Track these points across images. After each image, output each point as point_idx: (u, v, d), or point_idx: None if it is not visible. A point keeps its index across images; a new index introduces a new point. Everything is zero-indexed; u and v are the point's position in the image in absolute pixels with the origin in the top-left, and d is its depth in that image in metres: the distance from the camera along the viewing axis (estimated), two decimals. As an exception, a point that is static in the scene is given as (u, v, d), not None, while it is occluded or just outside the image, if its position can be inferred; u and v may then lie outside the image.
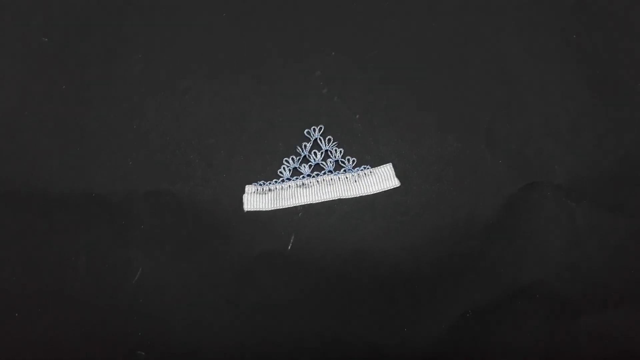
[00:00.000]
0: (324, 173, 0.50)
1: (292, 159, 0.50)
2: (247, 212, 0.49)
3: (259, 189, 0.50)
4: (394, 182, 0.50)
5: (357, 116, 0.51)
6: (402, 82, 0.51)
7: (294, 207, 0.50)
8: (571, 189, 0.49)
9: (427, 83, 0.51)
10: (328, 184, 0.50)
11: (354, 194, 0.50)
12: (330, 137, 0.50)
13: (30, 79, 0.52)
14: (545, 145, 0.50)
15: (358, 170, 0.50)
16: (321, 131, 0.50)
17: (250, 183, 0.50)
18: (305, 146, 0.50)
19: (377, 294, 0.48)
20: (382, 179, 0.50)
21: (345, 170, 0.50)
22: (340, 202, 0.50)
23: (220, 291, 0.49)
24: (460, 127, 0.50)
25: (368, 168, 0.50)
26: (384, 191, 0.50)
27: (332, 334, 0.48)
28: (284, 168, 0.50)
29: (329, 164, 0.50)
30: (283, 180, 0.50)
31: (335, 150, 0.50)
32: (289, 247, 0.49)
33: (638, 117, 0.50)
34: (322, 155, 0.50)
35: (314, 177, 0.50)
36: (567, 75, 0.51)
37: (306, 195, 0.50)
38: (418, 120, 0.50)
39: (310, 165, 0.50)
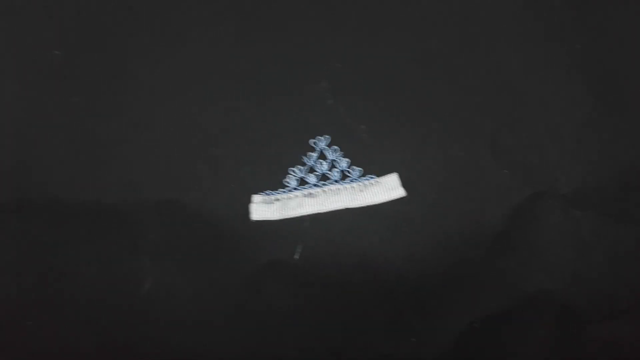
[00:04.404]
0: (330, 183, 0.50)
1: (299, 168, 0.50)
2: (255, 221, 0.49)
3: (266, 198, 0.49)
4: (400, 192, 0.49)
5: (363, 127, 0.51)
6: (407, 92, 0.51)
7: (301, 216, 0.49)
8: (577, 199, 0.49)
9: (432, 93, 0.51)
10: (334, 193, 0.50)
11: (360, 203, 0.49)
12: (336, 147, 0.50)
13: (40, 90, 0.52)
14: (551, 154, 0.50)
15: (364, 179, 0.50)
16: (327, 141, 0.51)
17: (257, 193, 0.50)
18: (311, 156, 0.50)
19: (383, 303, 0.48)
20: (387, 188, 0.49)
21: (351, 180, 0.50)
22: (346, 211, 0.50)
23: (228, 300, 0.49)
24: (465, 136, 0.50)
25: (374, 178, 0.50)
26: (390, 201, 0.49)
27: (338, 343, 0.48)
28: (290, 178, 0.50)
29: (335, 174, 0.50)
30: (290, 190, 0.50)
31: (341, 160, 0.50)
32: (296, 256, 0.49)
33: (642, 125, 0.50)
34: (329, 165, 0.50)
35: (320, 186, 0.50)
36: (571, 84, 0.51)
37: (313, 205, 0.49)
38: (423, 130, 0.50)
39: (316, 175, 0.50)
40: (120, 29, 0.53)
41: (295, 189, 0.50)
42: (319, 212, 0.50)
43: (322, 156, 0.50)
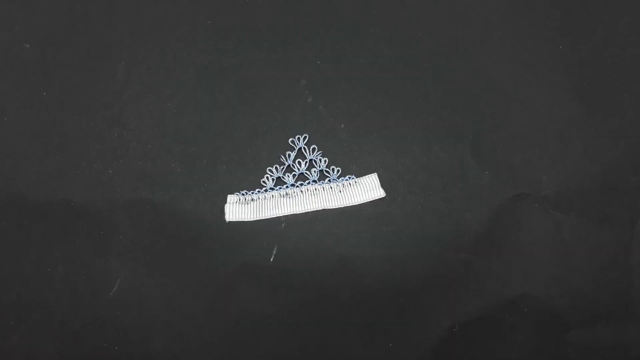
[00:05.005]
0: (308, 183, 0.50)
1: (276, 168, 0.50)
2: (229, 222, 0.49)
3: (241, 198, 0.49)
4: (379, 193, 0.49)
5: (342, 125, 0.51)
6: (388, 91, 0.51)
7: (277, 217, 0.49)
8: (558, 200, 0.49)
9: (413, 92, 0.51)
10: (312, 194, 0.49)
11: (339, 204, 0.49)
12: (315, 146, 0.50)
13: (10, 85, 0.51)
14: (532, 155, 0.50)
15: (343, 180, 0.50)
16: (305, 140, 0.50)
17: (232, 193, 0.50)
18: (289, 155, 0.50)
19: (361, 307, 0.48)
20: (367, 189, 0.49)
21: (329, 180, 0.50)
22: (324, 212, 0.50)
23: (200, 304, 0.48)
24: (446, 137, 0.50)
25: (353, 178, 0.50)
26: (369, 201, 0.49)
27: (315, 348, 0.48)
28: (267, 177, 0.50)
29: (313, 174, 0.50)
30: (266, 190, 0.50)
31: (320, 160, 0.50)
32: (272, 259, 0.49)
33: (625, 127, 0.50)
34: (307, 165, 0.50)
35: (297, 187, 0.50)
36: (553, 85, 0.51)
37: (290, 206, 0.49)
38: (404, 130, 0.50)
39: (294, 175, 0.50)
40: (94, 21, 0.53)
41: (272, 189, 0.50)
42: (296, 213, 0.49)
43: (300, 155, 0.50)
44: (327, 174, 0.50)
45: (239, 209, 0.49)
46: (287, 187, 0.50)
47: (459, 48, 0.52)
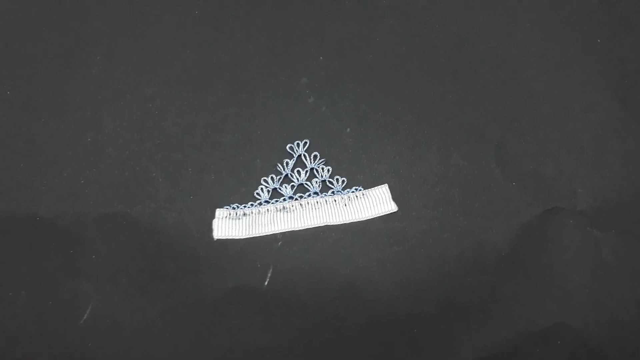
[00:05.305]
0: (309, 195, 0.49)
1: (272, 178, 0.49)
2: (218, 240, 0.48)
3: (231, 213, 0.48)
4: (391, 207, 0.48)
5: (348, 129, 0.50)
6: (401, 90, 0.50)
7: (273, 234, 0.48)
8: (597, 216, 0.48)
9: (429, 92, 0.50)
10: (313, 207, 0.48)
11: (344, 219, 0.48)
12: (317, 153, 0.49)
13: None
14: (566, 164, 0.48)
15: (349, 192, 0.48)
16: (306, 146, 0.49)
17: (221, 206, 0.48)
18: (287, 164, 0.49)
19: (369, 338, 0.47)
20: (376, 202, 0.48)
21: (333, 192, 0.49)
22: (327, 229, 0.48)
23: (184, 333, 0.47)
24: (467, 142, 0.49)
25: (360, 190, 0.49)
26: (379, 217, 0.48)
27: None
28: (261, 189, 0.49)
29: (315, 185, 0.49)
30: (260, 203, 0.48)
31: (322, 169, 0.49)
32: (266, 283, 0.47)
33: (674, 132, 0.49)
34: (307, 175, 0.49)
35: (296, 199, 0.49)
36: (590, 84, 0.50)
37: (287, 221, 0.48)
38: (418, 135, 0.49)
39: (292, 186, 0.49)
40: (66, 12, 0.51)
41: (267, 202, 0.49)
42: (295, 229, 0.48)
43: (300, 164, 0.49)
44: (330, 185, 0.49)
45: (229, 224, 0.48)
46: (284, 200, 0.49)
47: (481, 41, 0.51)
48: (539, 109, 0.49)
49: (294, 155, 0.49)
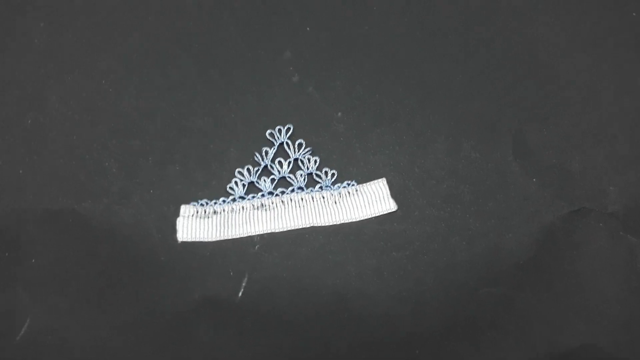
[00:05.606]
0: (292, 190, 0.46)
1: (248, 170, 0.46)
2: (183, 242, 0.45)
3: (199, 210, 0.45)
4: (389, 205, 0.45)
5: (339, 114, 0.47)
6: (402, 69, 0.48)
7: (249, 237, 0.45)
8: (630, 218, 0.45)
9: (435, 72, 0.48)
10: (297, 205, 0.46)
11: (333, 220, 0.45)
12: (302, 141, 0.46)
13: None
14: (595, 159, 0.46)
15: (339, 187, 0.46)
16: (289, 133, 0.46)
17: (188, 202, 0.45)
18: (266, 153, 0.46)
19: (362, 356, 0.44)
20: (372, 200, 0.46)
21: (321, 188, 0.46)
22: (313, 231, 0.46)
23: (145, 352, 0.44)
24: (479, 132, 0.46)
25: (353, 185, 0.46)
26: (375, 217, 0.46)
27: None
28: (235, 182, 0.46)
29: (299, 178, 0.46)
30: (234, 200, 0.46)
31: (309, 160, 0.46)
32: (240, 293, 0.44)
33: None
34: (290, 166, 0.46)
35: (277, 195, 0.46)
36: (622, 67, 0.47)
37: (266, 221, 0.45)
38: (422, 122, 0.47)
39: (272, 180, 0.46)
40: None
41: (242, 198, 0.46)
42: (275, 231, 0.45)
43: (281, 153, 0.47)
44: (317, 179, 0.46)
45: (196, 224, 0.45)
46: (262, 195, 0.46)
47: (497, 13, 0.48)
48: (563, 93, 0.47)
49: (275, 143, 0.46)
